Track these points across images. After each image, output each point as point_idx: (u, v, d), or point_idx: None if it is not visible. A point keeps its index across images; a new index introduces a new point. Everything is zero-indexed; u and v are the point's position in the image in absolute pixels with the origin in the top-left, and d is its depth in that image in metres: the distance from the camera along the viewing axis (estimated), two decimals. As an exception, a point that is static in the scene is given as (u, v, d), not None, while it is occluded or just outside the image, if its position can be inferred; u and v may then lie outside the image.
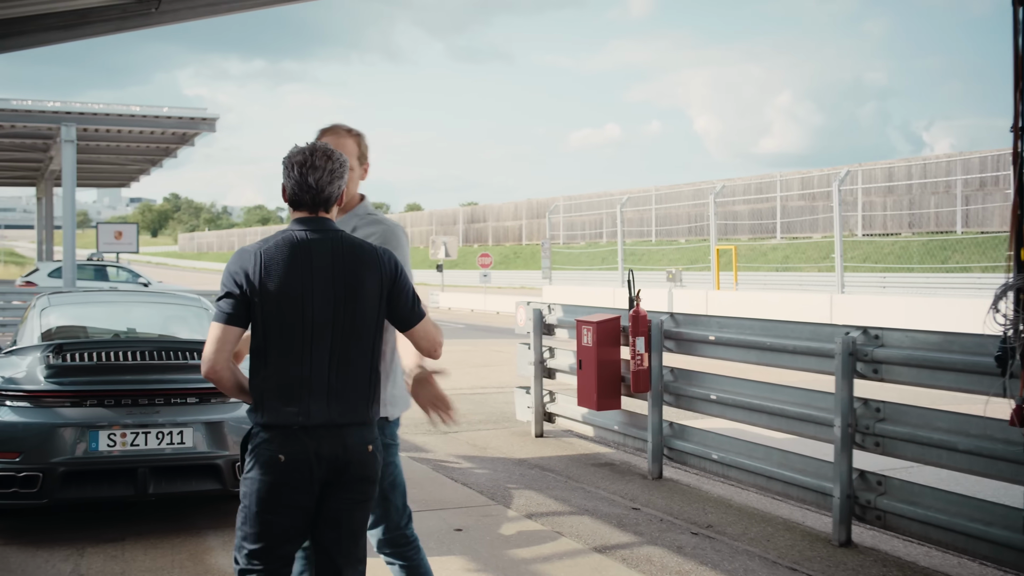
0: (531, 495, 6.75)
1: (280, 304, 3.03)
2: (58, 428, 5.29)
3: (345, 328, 3.07)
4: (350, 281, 3.08)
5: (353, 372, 3.10)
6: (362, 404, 3.12)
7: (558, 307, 9.00)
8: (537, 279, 51.50)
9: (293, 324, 3.03)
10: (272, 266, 3.03)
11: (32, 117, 23.55)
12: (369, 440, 3.13)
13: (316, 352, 3.05)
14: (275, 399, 3.03)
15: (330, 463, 3.05)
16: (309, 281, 3.04)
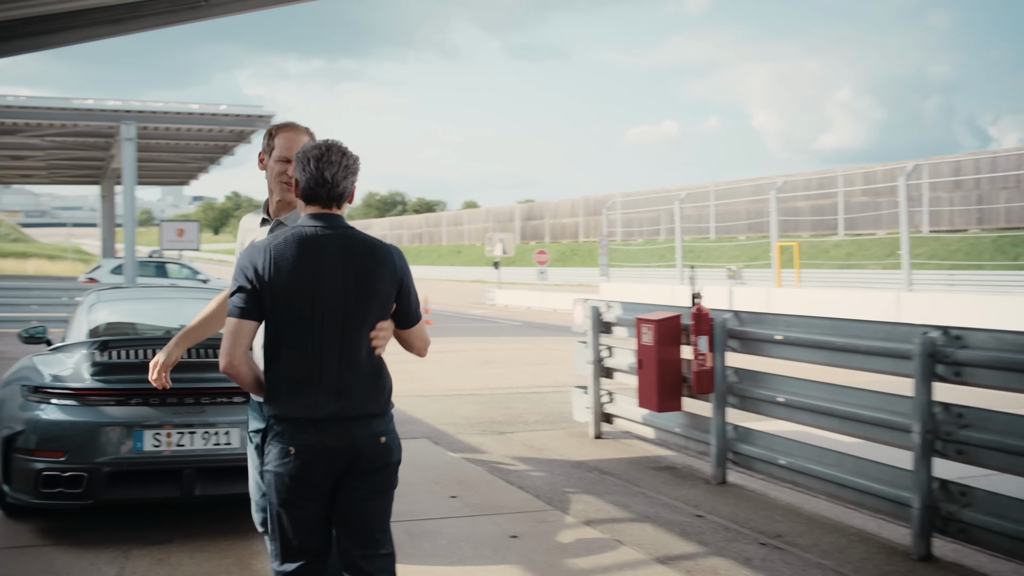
0: (589, 500, 6.49)
1: (290, 298, 3.06)
2: (103, 427, 5.16)
3: (356, 323, 3.11)
4: (362, 276, 3.12)
5: (362, 366, 3.13)
6: (371, 397, 3.14)
7: (616, 305, 8.72)
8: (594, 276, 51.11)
9: (303, 318, 3.07)
10: (281, 261, 3.07)
11: (93, 115, 23.82)
12: (380, 432, 3.15)
13: (326, 346, 3.08)
14: (286, 392, 3.08)
15: (340, 455, 3.08)
16: (319, 276, 3.08)
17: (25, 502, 5.23)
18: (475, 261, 67.78)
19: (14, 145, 28.42)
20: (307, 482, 3.07)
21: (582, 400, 9.14)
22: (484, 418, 9.95)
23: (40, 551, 5.16)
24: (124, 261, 23.59)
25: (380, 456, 3.15)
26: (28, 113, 23.67)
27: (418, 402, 11.01)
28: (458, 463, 7.65)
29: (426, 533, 5.63)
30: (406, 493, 6.55)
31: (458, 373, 14.12)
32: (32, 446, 5.15)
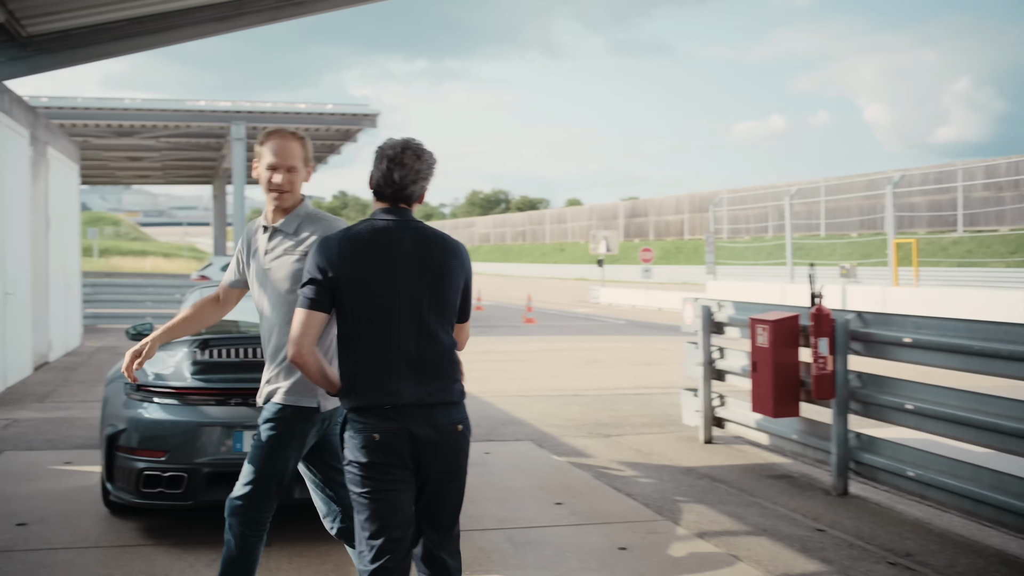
0: (702, 510, 6.17)
1: (366, 290, 3.10)
2: (203, 427, 5.07)
3: (431, 311, 3.16)
4: (436, 267, 3.17)
5: (438, 354, 3.17)
6: (448, 384, 3.19)
7: (729, 304, 8.34)
8: (699, 274, 50.28)
9: (380, 308, 3.10)
10: (357, 253, 3.12)
11: (205, 116, 24.39)
12: (458, 419, 3.19)
13: (404, 335, 3.12)
14: (367, 382, 3.11)
15: (422, 441, 3.11)
16: (394, 266, 3.12)
17: (127, 501, 5.19)
18: (578, 259, 67.44)
19: (132, 147, 29.37)
20: (393, 468, 3.10)
21: (692, 403, 8.79)
22: (589, 420, 9.68)
23: (141, 551, 5.11)
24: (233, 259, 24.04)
25: (458, 442, 3.20)
26: (144, 115, 24.38)
27: (521, 402, 10.80)
28: (563, 467, 7.40)
29: (530, 542, 5.40)
30: (509, 498, 6.34)
31: (562, 373, 13.87)
32: (134, 445, 5.10)
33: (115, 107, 24.23)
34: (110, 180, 44.55)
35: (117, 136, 26.39)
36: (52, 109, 23.04)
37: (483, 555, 5.16)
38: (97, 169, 36.60)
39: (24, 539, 5.25)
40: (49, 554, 5.01)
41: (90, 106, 24.00)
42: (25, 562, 4.89)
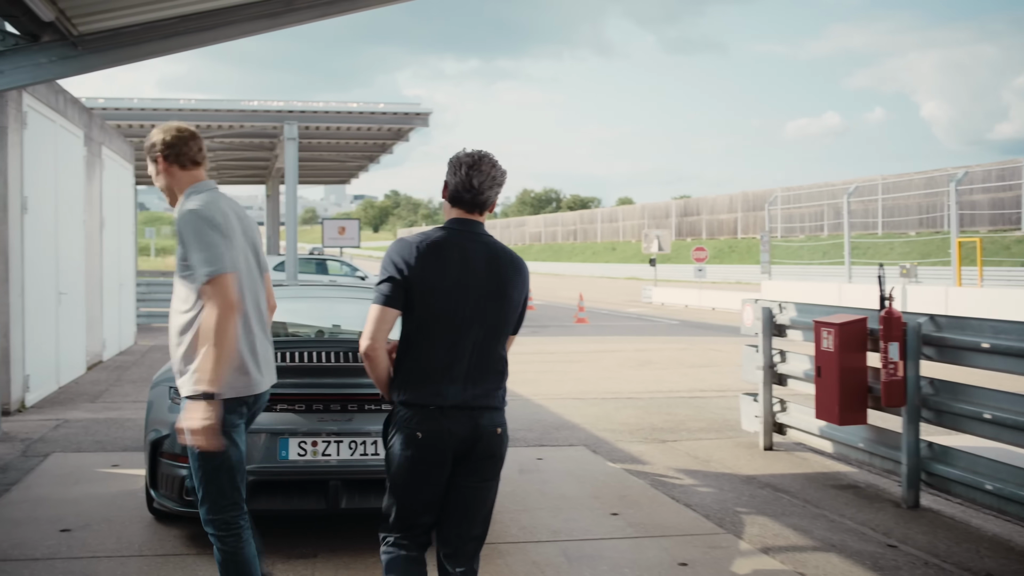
0: (765, 522, 5.89)
1: (434, 295, 3.27)
2: (248, 434, 4.89)
3: (490, 322, 3.34)
4: (500, 281, 3.36)
5: (490, 362, 3.36)
6: (494, 390, 3.37)
7: (791, 306, 8.04)
8: (753, 274, 49.57)
9: (442, 314, 3.28)
10: (429, 259, 3.28)
11: (258, 116, 24.43)
12: (498, 423, 3.38)
13: (461, 341, 3.30)
14: (417, 380, 3.29)
15: (462, 441, 3.29)
16: (463, 277, 3.30)
17: (170, 509, 5.05)
18: (630, 258, 66.93)
19: (186, 146, 29.57)
20: (430, 464, 3.30)
21: (751, 408, 8.49)
22: (644, 424, 9.42)
23: (184, 560, 4.96)
24: (286, 258, 24.08)
25: (495, 445, 3.38)
26: (198, 115, 24.49)
27: (574, 405, 10.57)
28: (618, 475, 7.15)
29: (585, 556, 5.16)
30: (563, 508, 6.12)
31: (615, 375, 13.60)
32: (177, 451, 4.95)
33: (170, 108, 24.37)
34: (166, 180, 45.02)
35: (172, 136, 26.58)
36: (109, 110, 23.23)
37: (536, 569, 4.94)
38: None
39: (67, 546, 5.14)
40: (91, 563, 4.89)
41: (146, 107, 24.17)
42: (67, 571, 4.77)
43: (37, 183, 10.43)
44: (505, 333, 3.41)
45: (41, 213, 10.43)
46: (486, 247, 3.38)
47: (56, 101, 11.37)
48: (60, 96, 11.63)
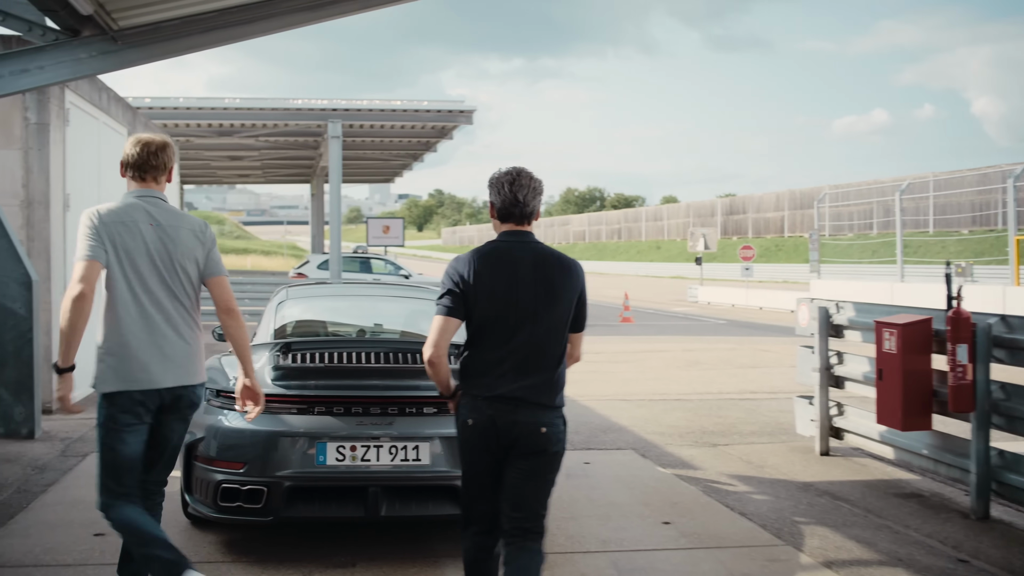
0: (825, 533, 5.59)
1: (489, 301, 3.60)
2: (284, 438, 4.70)
3: (542, 323, 3.61)
4: (550, 286, 3.63)
5: (542, 361, 3.62)
6: (544, 389, 3.61)
7: (848, 305, 7.71)
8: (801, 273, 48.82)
9: (497, 318, 3.60)
10: (483, 270, 3.61)
11: (302, 115, 24.43)
12: (544, 422, 3.58)
13: (513, 341, 3.59)
14: (473, 374, 3.64)
15: (505, 433, 3.57)
16: (514, 284, 3.60)
17: (204, 514, 4.87)
18: (675, 257, 66.34)
19: (232, 146, 29.70)
20: (478, 449, 3.63)
21: (806, 412, 8.17)
22: (694, 427, 9.13)
23: (218, 567, 4.78)
24: (330, 256, 24.04)
25: (537, 443, 3.59)
26: (243, 114, 24.54)
27: (622, 407, 10.30)
28: (669, 481, 6.88)
29: (637, 569, 4.91)
30: (613, 516, 5.86)
31: (662, 375, 13.30)
32: (212, 454, 4.78)
33: (215, 106, 24.44)
34: (212, 180, 45.37)
35: (218, 136, 26.67)
36: (155, 109, 23.36)
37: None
38: (199, 169, 37.24)
39: (100, 551, 4.98)
40: (123, 570, 4.72)
41: (191, 106, 24.26)
42: (99, 578, 4.62)
43: (80, 180, 10.38)
44: (559, 332, 3.65)
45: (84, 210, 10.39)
46: (535, 253, 3.67)
47: (99, 98, 11.33)
48: (103, 93, 11.58)
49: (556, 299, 3.62)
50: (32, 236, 9.30)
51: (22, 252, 8.21)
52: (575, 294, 3.68)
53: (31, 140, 9.34)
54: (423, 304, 6.71)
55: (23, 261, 8.14)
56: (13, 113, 9.31)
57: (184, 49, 8.22)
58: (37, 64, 8.09)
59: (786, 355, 16.27)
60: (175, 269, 4.00)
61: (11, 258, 8.09)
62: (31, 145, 9.33)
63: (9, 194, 9.25)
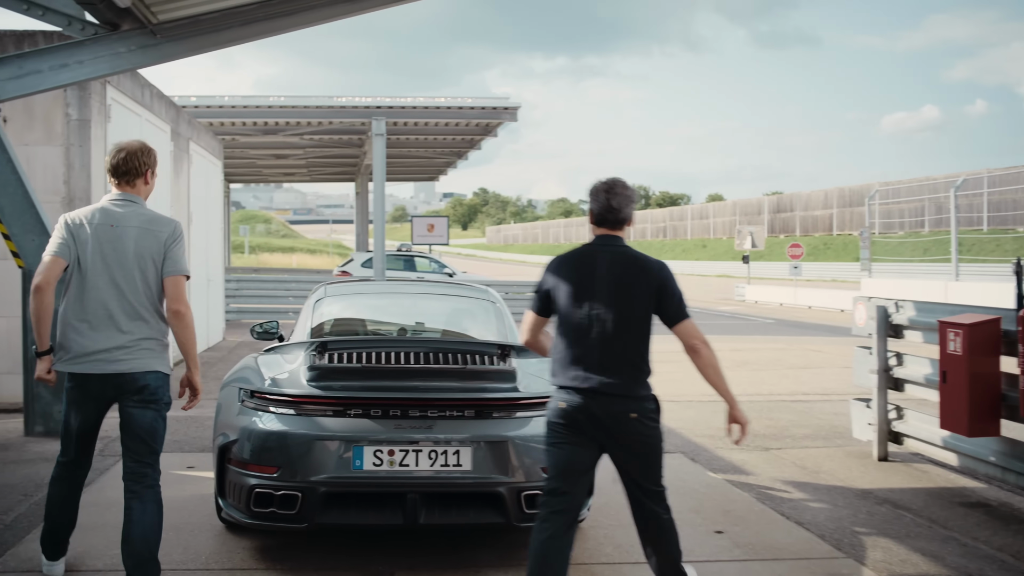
0: (888, 545, 5.29)
1: (567, 300, 3.93)
2: (319, 441, 4.51)
3: (617, 320, 3.86)
4: (622, 284, 3.89)
5: (621, 354, 3.87)
6: (626, 379, 3.86)
7: (909, 304, 7.37)
8: (850, 271, 48.01)
9: (578, 314, 3.90)
10: (566, 271, 3.98)
11: (346, 112, 24.37)
12: (631, 409, 3.84)
13: (593, 336, 3.87)
14: (559, 368, 3.95)
15: (597, 421, 3.84)
16: (590, 283, 3.91)
17: (237, 520, 4.69)
18: (721, 255, 65.66)
19: (277, 144, 29.75)
20: (567, 430, 3.89)
21: (863, 415, 7.84)
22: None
23: (252, 574, 4.61)
24: (374, 254, 23.94)
25: (630, 427, 3.85)
26: (287, 112, 24.54)
27: (669, 408, 9.97)
28: (720, 487, 6.61)
29: (689, 581, 4.65)
30: (662, 524, 5.60)
31: (711, 376, 12.95)
32: (245, 457, 4.60)
33: (259, 105, 24.48)
34: (257, 178, 45.63)
35: (263, 134, 26.72)
36: (200, 108, 23.43)
37: (634, 595, 4.46)
38: (245, 167, 37.42)
39: (131, 557, 4.83)
40: (154, 576, 4.56)
41: (236, 104, 24.31)
42: (128, 584, 4.45)
43: (121, 177, 10.32)
44: (637, 327, 3.88)
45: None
46: (618, 255, 3.94)
47: (142, 95, 11.27)
48: (146, 90, 11.53)
49: (629, 296, 3.86)
50: (73, 233, 9.23)
51: (62, 249, 8.12)
52: (650, 290, 3.88)
53: (72, 136, 9.28)
54: (466, 303, 6.50)
55: (63, 258, 8.06)
56: (55, 109, 9.27)
57: (224, 42, 8.10)
58: (76, 59, 8.01)
59: (838, 355, 15.86)
60: (127, 267, 4.25)
61: (51, 255, 8.01)
62: (72, 141, 9.27)
63: (51, 191, 9.20)
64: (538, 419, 4.70)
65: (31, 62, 7.96)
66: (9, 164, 7.93)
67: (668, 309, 3.91)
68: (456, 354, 4.97)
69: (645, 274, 3.89)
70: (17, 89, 7.98)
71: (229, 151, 30.47)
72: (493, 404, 4.67)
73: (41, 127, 9.29)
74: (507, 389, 4.76)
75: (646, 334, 3.91)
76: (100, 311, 4.22)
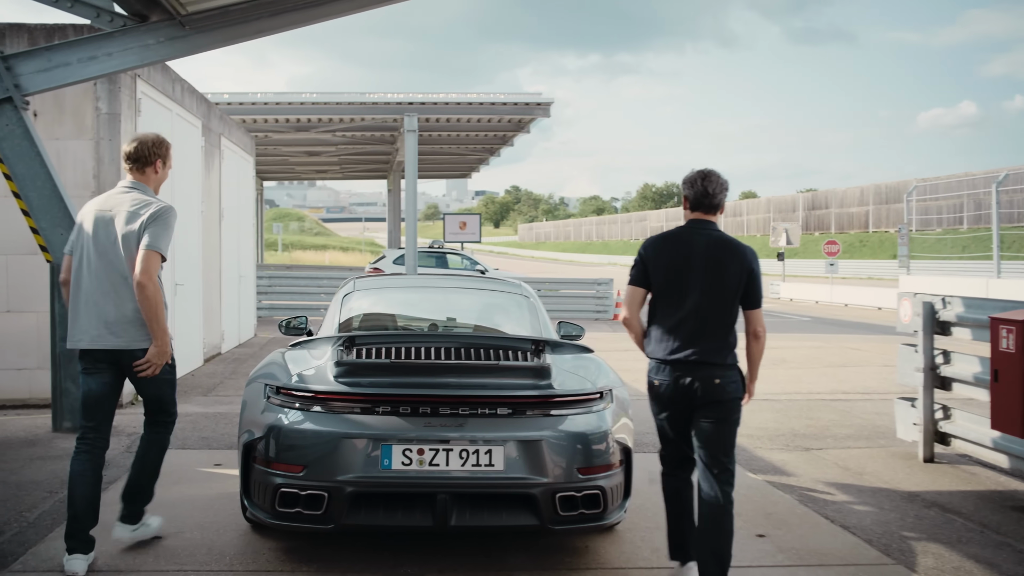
0: (938, 551, 5.06)
1: (664, 276, 4.28)
2: (346, 439, 4.34)
3: (708, 296, 4.22)
4: (716, 264, 4.23)
5: (711, 326, 4.21)
6: (715, 349, 4.22)
7: (957, 300, 7.11)
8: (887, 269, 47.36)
9: (672, 290, 4.26)
10: (663, 249, 4.32)
11: (378, 109, 24.31)
12: (717, 375, 4.21)
13: (686, 310, 4.22)
14: (656, 339, 4.31)
15: (687, 387, 4.21)
16: (686, 262, 4.24)
17: (262, 520, 4.55)
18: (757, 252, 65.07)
19: (309, 141, 29.77)
20: (666, 401, 4.31)
21: (908, 415, 7.59)
22: (784, 429, 8.60)
23: (278, 578, 4.46)
24: (406, 250, 23.83)
25: (715, 393, 4.21)
26: (319, 109, 24.53)
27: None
28: (761, 488, 6.39)
29: (731, 588, 4.45)
30: (701, 526, 5.40)
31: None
32: (270, 456, 4.45)
33: (292, 101, 24.47)
34: (290, 176, 45.77)
35: (295, 131, 26.72)
36: (233, 105, 23.45)
37: (674, 602, 4.26)
38: (278, 165, 37.51)
39: (154, 556, 4.70)
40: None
41: (268, 101, 24.32)
42: (151, 586, 4.33)
43: (152, 172, 10.24)
44: (726, 304, 4.23)
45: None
46: (709, 237, 4.28)
47: (172, 89, 11.20)
48: (177, 85, 11.46)
49: (721, 276, 4.21)
50: (103, 228, 9.16)
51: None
52: (742, 273, 4.24)
53: (102, 130, 9.21)
54: (499, 297, 6.33)
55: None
56: (84, 103, 9.20)
57: (253, 33, 7.98)
58: (105, 51, 7.93)
59: (877, 353, 15.54)
60: (116, 246, 4.63)
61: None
62: (102, 135, 9.20)
63: (80, 185, 9.13)
64: (574, 417, 4.52)
65: (60, 54, 7.89)
66: (38, 158, 7.86)
67: (751, 293, 4.28)
68: (488, 350, 4.80)
69: (739, 257, 4.24)
70: (46, 82, 7.92)
71: (262, 148, 30.52)
72: (527, 402, 4.49)
73: (71, 121, 9.22)
74: (542, 386, 4.58)
75: (735, 311, 4.25)
76: (98, 292, 4.63)
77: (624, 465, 4.70)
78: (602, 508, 4.51)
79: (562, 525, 4.42)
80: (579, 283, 25.90)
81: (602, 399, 4.69)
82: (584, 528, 4.54)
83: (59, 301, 7.90)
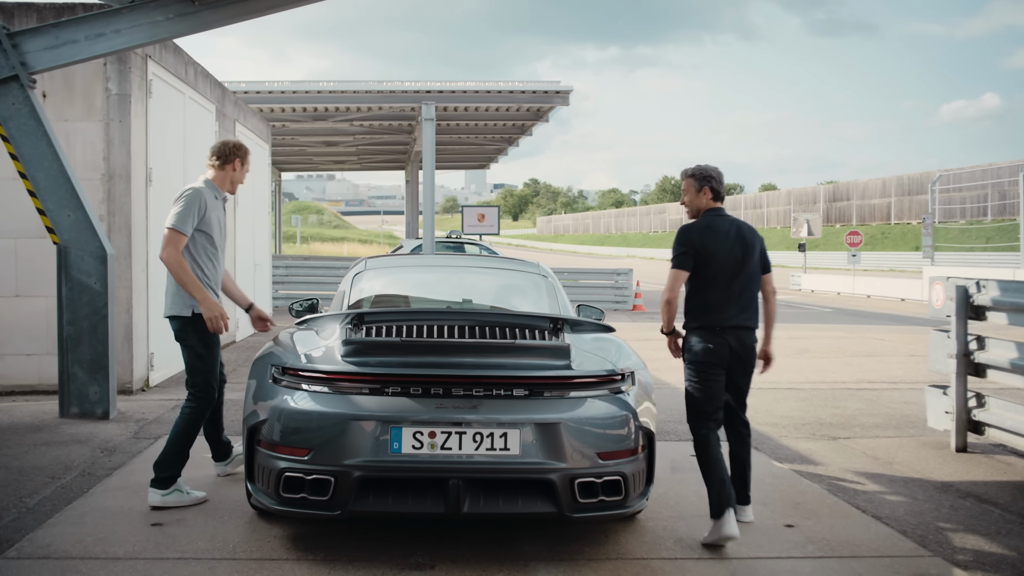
0: (976, 543, 4.80)
1: (708, 257, 4.92)
2: (354, 421, 4.13)
3: (745, 273, 4.97)
4: (747, 245, 5.01)
5: (748, 298, 4.97)
6: (753, 316, 5.00)
7: (992, 284, 6.84)
8: (910, 261, 46.87)
9: (714, 270, 4.93)
10: (705, 236, 4.96)
11: (396, 97, 24.09)
12: (755, 338, 5.00)
13: (733, 286, 4.93)
14: (702, 312, 4.94)
15: (734, 350, 4.90)
16: (728, 245, 4.95)
17: (266, 506, 4.35)
18: (775, 245, 64.52)
19: (326, 131, 29.57)
20: (716, 366, 4.87)
21: (940, 403, 7.32)
22: (810, 418, 8.34)
23: (281, 566, 4.25)
24: (423, 240, 23.63)
25: (752, 353, 4.99)
26: (336, 97, 24.32)
27: (728, 396, 9.52)
28: (788, 477, 6.14)
29: (759, 580, 4.22)
30: (726, 516, 5.16)
31: (770, 363, 12.43)
32: (274, 439, 4.25)
33: (308, 90, 24.27)
34: (308, 166, 45.59)
35: (312, 120, 26.54)
36: (251, 93, 23.28)
37: (699, 594, 4.03)
38: (295, 155, 37.36)
39: (155, 544, 4.51)
40: (175, 565, 4.23)
41: (285, 90, 24.13)
42: (148, 574, 4.13)
43: (163, 155, 10.07)
44: (757, 275, 5.03)
45: (168, 186, 10.03)
46: (735, 222, 5.04)
47: (185, 72, 11.02)
48: (190, 68, 11.27)
49: (751, 253, 4.98)
50: (113, 211, 8.99)
51: (98, 226, 7.87)
52: (761, 248, 5.08)
53: (112, 112, 9.03)
54: (517, 277, 6.11)
55: (99, 234, 7.80)
56: (94, 84, 9.02)
57: (263, 10, 7.77)
58: (113, 28, 7.74)
59: (902, 343, 15.24)
60: None
61: (87, 231, 7.75)
62: (112, 117, 9.02)
63: (90, 167, 8.96)
64: (593, 400, 4.29)
65: (67, 32, 7.71)
66: (45, 138, 7.68)
67: (765, 262, 5.14)
68: (504, 328, 4.58)
69: (757, 238, 5.08)
70: (53, 60, 7.73)
71: (279, 138, 30.36)
72: (545, 383, 4.26)
73: (81, 102, 9.04)
74: (560, 367, 4.35)
75: (759, 281, 5.08)
76: None
77: (647, 451, 4.47)
78: (623, 495, 4.28)
79: (581, 513, 4.20)
80: (598, 273, 25.64)
81: (624, 381, 4.46)
82: (604, 516, 4.31)
83: (66, 285, 7.73)
